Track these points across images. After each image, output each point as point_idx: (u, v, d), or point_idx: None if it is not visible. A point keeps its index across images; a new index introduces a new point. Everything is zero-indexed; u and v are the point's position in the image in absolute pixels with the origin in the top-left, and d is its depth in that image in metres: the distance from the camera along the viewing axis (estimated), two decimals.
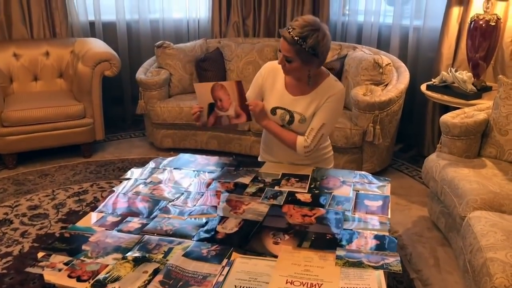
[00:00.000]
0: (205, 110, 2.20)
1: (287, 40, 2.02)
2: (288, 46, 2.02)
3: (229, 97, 2.17)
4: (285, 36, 2.02)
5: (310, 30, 1.99)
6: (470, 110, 2.87)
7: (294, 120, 2.21)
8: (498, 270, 1.72)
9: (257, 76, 2.32)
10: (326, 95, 2.16)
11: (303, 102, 2.19)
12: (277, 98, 2.24)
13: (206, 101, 2.19)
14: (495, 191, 2.31)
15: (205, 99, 2.18)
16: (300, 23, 2.00)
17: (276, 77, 2.26)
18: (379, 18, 4.21)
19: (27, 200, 3.17)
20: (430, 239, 2.76)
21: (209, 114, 2.21)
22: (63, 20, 4.26)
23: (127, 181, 2.24)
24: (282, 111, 2.23)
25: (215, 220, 1.88)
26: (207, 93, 2.17)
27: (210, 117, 2.21)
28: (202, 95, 2.19)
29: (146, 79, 3.88)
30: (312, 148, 2.20)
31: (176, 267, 1.57)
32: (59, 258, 1.64)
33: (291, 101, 2.21)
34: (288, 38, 2.01)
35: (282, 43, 2.05)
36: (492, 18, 3.24)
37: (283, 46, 2.05)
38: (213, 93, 2.17)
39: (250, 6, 4.52)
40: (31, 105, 3.61)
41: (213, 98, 2.18)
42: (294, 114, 2.20)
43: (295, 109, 2.20)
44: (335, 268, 1.55)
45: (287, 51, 2.04)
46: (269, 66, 2.31)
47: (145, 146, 4.18)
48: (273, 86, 2.26)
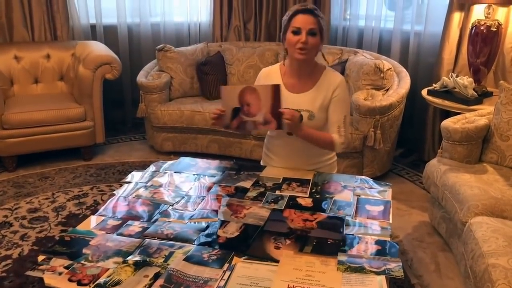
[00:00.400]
0: (228, 114, 2.12)
1: (311, 13, 2.08)
2: (313, 18, 2.08)
3: (259, 102, 2.07)
4: (308, 9, 2.09)
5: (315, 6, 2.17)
6: (471, 115, 2.87)
7: (303, 118, 2.18)
8: (500, 276, 1.72)
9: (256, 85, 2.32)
10: (331, 87, 2.18)
11: (307, 98, 2.19)
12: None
13: (231, 105, 2.10)
14: (497, 196, 2.30)
15: (231, 103, 2.10)
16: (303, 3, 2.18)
17: (272, 80, 2.24)
18: (380, 23, 4.22)
19: (27, 202, 3.16)
20: (431, 245, 2.75)
21: (232, 118, 2.12)
22: (64, 23, 4.26)
23: (128, 185, 2.23)
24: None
25: (216, 224, 1.87)
26: (234, 97, 2.08)
27: (233, 121, 2.13)
28: (228, 99, 2.11)
29: (147, 82, 3.89)
30: (346, 142, 2.27)
31: (177, 272, 1.56)
32: (60, 261, 1.63)
33: (296, 100, 2.20)
34: (312, 10, 2.09)
35: (304, 18, 2.07)
36: (493, 23, 3.24)
37: (308, 21, 2.07)
38: (242, 96, 2.08)
39: (251, 10, 4.53)
40: (31, 108, 3.61)
41: (240, 102, 2.09)
42: (302, 112, 2.18)
43: (301, 106, 2.19)
44: (336, 273, 1.55)
45: (313, 23, 2.08)
46: (264, 73, 2.32)
47: (146, 150, 4.17)
48: None
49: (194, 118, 3.81)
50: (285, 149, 2.31)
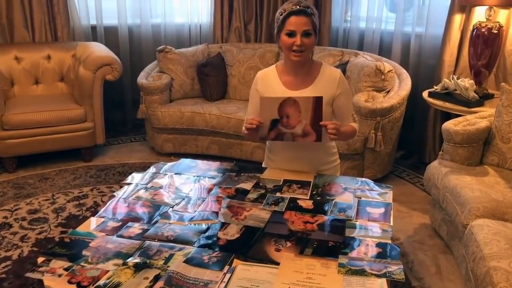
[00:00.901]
0: (267, 125, 2.10)
1: (305, 13, 2.06)
2: (307, 19, 2.06)
3: (299, 114, 2.06)
4: (301, 10, 2.06)
5: (306, 3, 2.11)
6: (472, 117, 2.86)
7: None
8: (501, 279, 1.71)
9: (253, 90, 2.31)
10: (331, 83, 2.19)
11: (307, 94, 2.17)
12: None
13: (270, 116, 2.08)
14: (498, 199, 2.30)
15: (270, 114, 2.08)
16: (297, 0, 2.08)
17: (270, 80, 2.24)
18: (381, 24, 4.22)
19: (27, 204, 3.16)
20: (432, 247, 2.75)
21: (270, 129, 2.11)
22: (65, 24, 4.26)
23: (128, 186, 2.23)
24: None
25: (216, 226, 1.86)
26: (274, 108, 2.06)
27: (271, 132, 2.11)
28: (267, 110, 2.08)
29: (148, 83, 3.88)
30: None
31: (177, 274, 1.55)
32: (59, 263, 1.63)
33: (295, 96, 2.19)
34: (305, 10, 2.06)
35: (298, 19, 2.05)
36: (495, 25, 3.24)
37: (302, 22, 2.06)
38: (282, 108, 2.06)
39: (252, 12, 4.53)
40: (32, 109, 3.60)
41: (280, 113, 2.07)
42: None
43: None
44: (337, 276, 1.54)
45: (307, 24, 2.06)
46: (260, 75, 2.30)
47: (146, 151, 4.17)
48: (271, 89, 2.23)
49: (195, 119, 3.81)
50: (288, 152, 2.29)
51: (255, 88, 2.30)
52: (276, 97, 2.10)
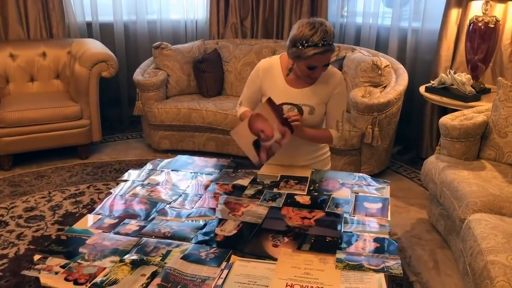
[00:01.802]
0: (252, 151, 2.12)
1: (329, 51, 2.00)
2: (330, 54, 2.03)
3: (268, 122, 2.08)
4: (327, 49, 1.98)
5: (325, 27, 1.99)
6: (469, 112, 2.86)
7: (303, 113, 2.18)
8: (499, 273, 1.71)
9: (253, 77, 2.27)
10: (331, 84, 2.18)
11: (308, 93, 2.18)
12: (281, 95, 2.19)
13: (249, 141, 2.10)
14: (495, 193, 2.30)
15: (248, 139, 2.10)
16: (321, 31, 1.96)
17: (273, 74, 2.23)
18: (378, 19, 4.21)
19: (23, 201, 3.14)
20: (429, 242, 2.75)
21: (258, 151, 2.12)
22: (60, 21, 4.23)
23: (125, 183, 2.22)
24: (289, 106, 2.19)
25: (213, 223, 1.86)
26: (247, 133, 2.09)
27: (261, 155, 2.12)
28: (243, 138, 2.11)
29: (144, 80, 3.86)
30: (344, 135, 2.35)
31: (174, 270, 1.55)
32: (56, 261, 1.62)
33: (297, 95, 2.19)
34: (329, 48, 1.99)
35: (322, 58, 2.01)
36: (491, 20, 3.24)
37: (325, 58, 2.03)
38: (252, 127, 2.08)
39: (248, 8, 4.52)
40: (27, 106, 3.58)
41: (254, 133, 2.09)
42: (303, 106, 2.18)
43: (303, 101, 2.18)
44: (335, 271, 1.54)
45: (329, 59, 2.06)
46: (263, 65, 2.26)
47: (142, 148, 4.15)
48: (273, 83, 2.22)
49: (191, 116, 3.80)
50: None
51: (256, 75, 2.26)
52: (240, 124, 2.13)
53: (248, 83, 2.31)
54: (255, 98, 2.30)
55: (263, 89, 2.26)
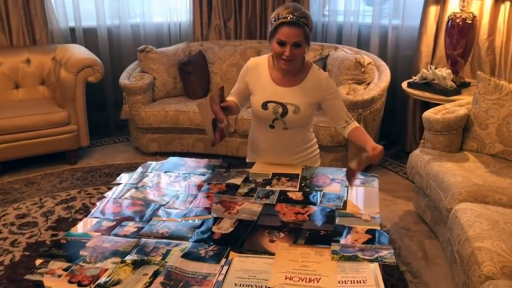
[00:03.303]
0: (211, 128, 2.15)
1: (297, 24, 2.03)
2: (298, 30, 2.04)
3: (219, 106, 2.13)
4: (294, 21, 2.02)
5: (303, 10, 2.07)
6: (451, 106, 2.96)
7: (288, 112, 2.22)
8: (486, 258, 1.79)
9: (242, 74, 2.33)
10: (319, 87, 2.21)
11: (295, 92, 2.21)
12: (267, 92, 2.24)
13: (209, 118, 2.14)
14: (479, 183, 2.39)
15: (209, 116, 2.13)
16: (294, 7, 2.06)
17: (259, 72, 2.28)
18: (359, 18, 4.29)
19: (14, 209, 3.14)
20: (417, 233, 2.83)
21: (214, 131, 2.16)
22: (43, 27, 4.23)
23: (118, 186, 2.24)
24: (273, 104, 2.23)
25: (209, 221, 1.90)
26: (209, 110, 2.12)
27: (216, 134, 2.17)
28: (205, 113, 2.14)
29: (130, 84, 3.88)
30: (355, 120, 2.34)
31: (175, 268, 1.59)
32: (58, 264, 1.64)
33: (282, 93, 2.22)
34: (298, 22, 2.03)
35: (290, 30, 2.04)
36: (469, 16, 3.34)
37: (293, 33, 2.04)
38: (212, 106, 2.12)
39: (231, 9, 4.56)
40: (14, 113, 3.58)
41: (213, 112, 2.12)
42: (288, 105, 2.21)
43: (288, 100, 2.21)
44: (331, 263, 1.59)
45: (297, 35, 2.05)
46: (252, 63, 2.32)
47: (131, 151, 4.17)
48: (260, 81, 2.27)
49: (179, 118, 3.83)
50: (268, 144, 2.34)
51: (244, 73, 2.32)
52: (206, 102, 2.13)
53: (238, 78, 2.37)
54: (242, 93, 2.35)
55: (250, 87, 2.31)
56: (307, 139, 2.38)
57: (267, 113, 2.25)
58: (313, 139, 2.45)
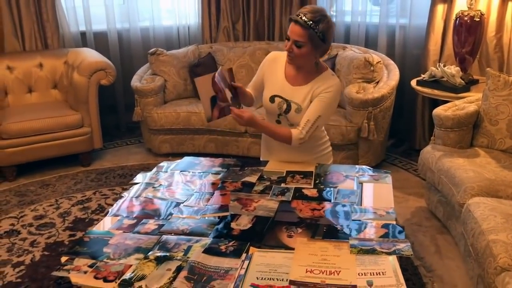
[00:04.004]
0: (208, 105, 2.19)
1: (300, 24, 2.06)
2: (302, 30, 2.07)
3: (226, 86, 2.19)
4: (298, 20, 2.07)
5: (321, 15, 2.08)
6: (460, 102, 2.99)
7: (291, 109, 2.26)
8: (501, 250, 1.82)
9: (261, 66, 2.40)
10: (322, 87, 2.21)
11: (301, 92, 2.25)
12: (276, 87, 2.30)
13: (208, 95, 2.17)
14: (490, 178, 2.42)
15: (208, 93, 2.17)
16: (311, 9, 2.09)
17: (277, 66, 2.32)
18: (366, 17, 4.33)
19: (31, 210, 3.20)
20: (430, 228, 2.86)
21: (212, 107, 2.20)
22: (54, 32, 4.29)
23: (134, 186, 2.28)
24: (280, 99, 2.28)
25: (228, 218, 1.94)
26: (209, 87, 2.15)
27: (214, 111, 2.21)
28: (204, 89, 2.17)
29: (142, 86, 3.94)
30: (306, 138, 2.24)
31: (198, 263, 1.63)
32: (83, 261, 1.69)
33: (290, 91, 2.27)
34: (302, 22, 2.06)
35: (294, 28, 2.09)
36: (476, 14, 3.37)
37: (295, 31, 2.09)
38: (215, 84, 2.15)
39: (239, 11, 4.61)
40: (28, 117, 3.64)
41: (214, 90, 2.16)
42: (291, 103, 2.25)
43: (293, 98, 2.25)
44: (350, 256, 1.63)
45: (300, 35, 2.08)
46: (272, 55, 2.38)
47: (143, 153, 4.22)
48: (274, 74, 2.32)
49: (191, 119, 3.88)
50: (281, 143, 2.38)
51: (263, 64, 2.39)
52: (207, 76, 2.16)
53: (258, 69, 2.43)
54: (258, 85, 2.40)
55: (264, 78, 2.36)
56: (317, 137, 2.41)
57: (273, 106, 2.31)
58: (324, 137, 2.48)
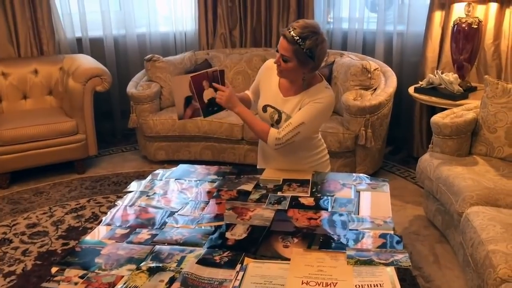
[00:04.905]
0: (182, 104, 2.21)
1: (286, 39, 2.04)
2: (287, 45, 2.05)
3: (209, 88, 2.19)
4: (285, 35, 2.05)
5: (310, 32, 2.04)
6: (459, 110, 2.96)
7: (281, 120, 2.23)
8: (501, 261, 1.79)
9: (259, 72, 2.39)
10: (312, 97, 2.17)
11: (292, 103, 2.22)
12: (270, 96, 2.28)
13: (183, 94, 2.19)
14: (489, 186, 2.39)
15: (183, 92, 2.18)
16: (301, 24, 2.05)
17: (272, 75, 2.29)
18: (363, 24, 4.31)
19: (24, 218, 3.16)
20: (428, 237, 2.83)
21: (185, 107, 2.22)
22: (50, 38, 4.26)
23: (129, 194, 2.25)
24: (272, 109, 2.26)
25: (223, 228, 1.90)
26: (185, 87, 2.16)
27: (187, 110, 2.22)
28: (180, 88, 2.19)
29: (138, 93, 3.91)
30: (283, 142, 2.17)
31: (191, 275, 1.59)
32: (74, 272, 1.64)
33: (281, 101, 2.24)
34: (288, 37, 2.04)
35: (282, 42, 2.08)
36: (474, 21, 3.36)
37: (282, 45, 2.07)
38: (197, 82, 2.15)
39: (236, 18, 4.59)
40: (23, 124, 3.60)
41: (194, 88, 2.16)
42: (282, 114, 2.23)
43: (284, 109, 2.23)
44: (347, 267, 1.60)
45: (285, 50, 2.06)
46: (269, 63, 2.35)
47: (138, 160, 4.18)
48: (268, 83, 2.30)
49: (187, 126, 3.85)
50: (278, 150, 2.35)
51: (260, 71, 2.39)
52: (186, 76, 2.18)
53: (257, 75, 2.42)
54: (256, 90, 2.41)
55: (260, 86, 2.35)
56: (314, 145, 2.38)
57: (266, 116, 2.29)
58: (321, 145, 2.45)
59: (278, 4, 4.42)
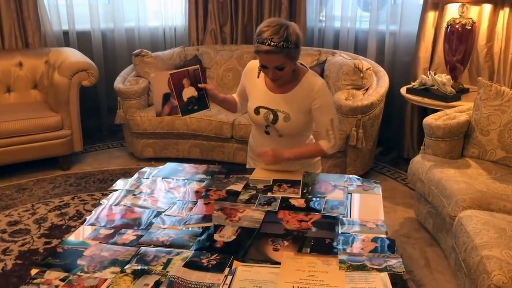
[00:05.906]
0: (160, 100, 2.17)
1: (272, 52, 1.95)
2: (277, 55, 1.97)
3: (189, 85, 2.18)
4: (269, 50, 1.95)
5: (282, 29, 1.96)
6: (451, 111, 2.93)
7: (278, 119, 2.18)
8: (495, 267, 1.76)
9: (242, 76, 2.33)
10: (311, 93, 2.13)
11: (286, 99, 2.17)
12: (259, 97, 2.22)
13: (162, 91, 2.16)
14: (482, 190, 2.36)
15: (162, 89, 2.15)
16: (272, 30, 1.95)
17: (255, 76, 2.24)
18: (355, 23, 4.27)
19: (5, 215, 3.06)
20: (419, 240, 2.80)
21: (163, 104, 2.18)
22: (36, 30, 4.16)
23: (114, 193, 2.18)
24: (265, 110, 2.20)
25: (211, 229, 1.85)
26: (164, 83, 2.14)
27: (165, 107, 2.19)
28: (159, 85, 2.16)
29: (125, 88, 3.82)
30: (337, 143, 2.25)
31: (178, 278, 1.53)
32: (54, 274, 1.57)
33: (274, 100, 2.18)
34: (273, 49, 1.94)
35: (268, 57, 1.98)
36: (468, 22, 3.33)
37: (272, 60, 1.99)
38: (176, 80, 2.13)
39: (227, 14, 4.52)
40: (6, 118, 3.50)
41: (173, 85, 2.13)
42: (278, 113, 2.17)
43: (279, 107, 2.17)
44: (339, 272, 1.55)
45: (277, 60, 1.99)
46: (251, 65, 2.30)
47: (125, 157, 4.10)
48: (254, 85, 2.25)
49: (175, 123, 3.77)
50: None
51: (243, 75, 2.33)
52: (164, 72, 2.20)
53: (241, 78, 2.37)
54: (243, 94, 2.36)
55: (246, 89, 2.30)
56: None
57: (259, 118, 2.23)
58: None
59: (270, 1, 4.37)
